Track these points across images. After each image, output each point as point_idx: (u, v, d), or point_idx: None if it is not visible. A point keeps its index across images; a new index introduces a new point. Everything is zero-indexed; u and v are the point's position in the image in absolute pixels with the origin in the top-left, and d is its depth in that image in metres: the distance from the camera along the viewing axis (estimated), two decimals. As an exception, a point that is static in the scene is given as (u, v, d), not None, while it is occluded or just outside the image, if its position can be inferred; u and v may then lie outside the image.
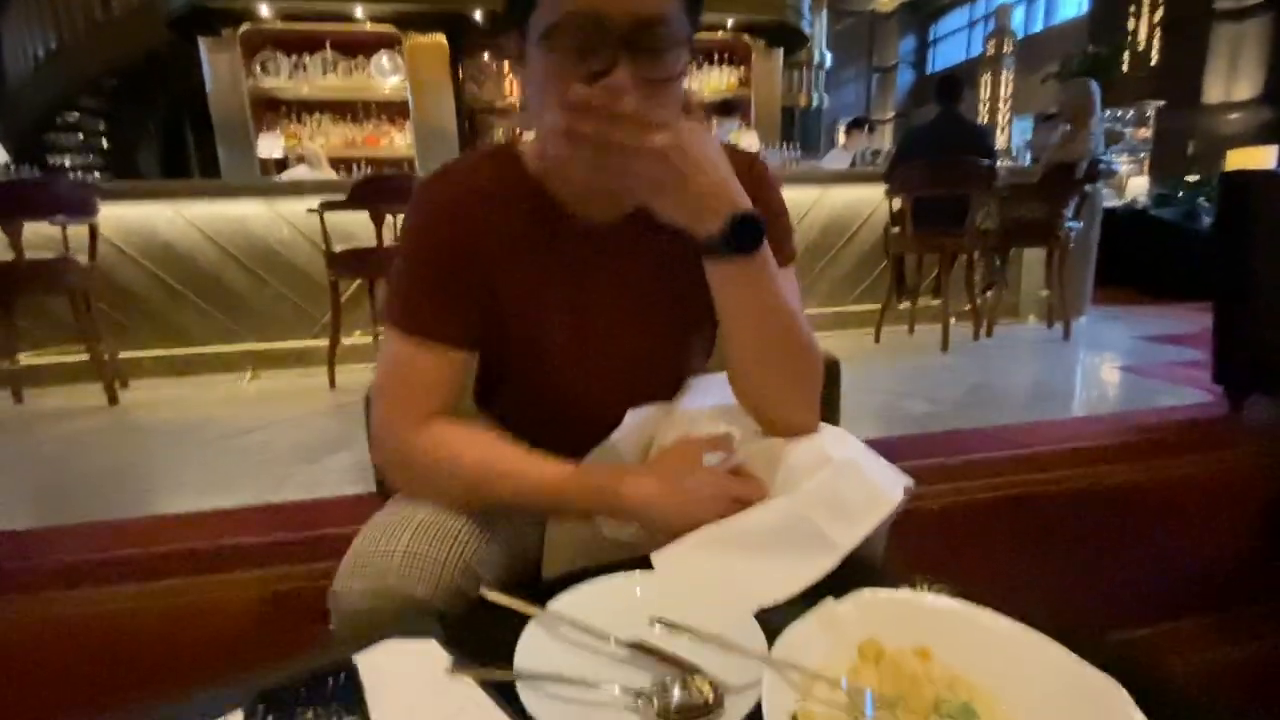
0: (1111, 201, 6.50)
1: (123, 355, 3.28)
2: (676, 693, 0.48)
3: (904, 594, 0.55)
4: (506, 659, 0.51)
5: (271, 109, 6.15)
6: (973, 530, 1.87)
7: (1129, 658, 0.44)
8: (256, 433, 2.69)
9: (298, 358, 3.58)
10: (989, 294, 4.09)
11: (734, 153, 0.75)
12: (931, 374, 3.35)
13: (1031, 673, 0.45)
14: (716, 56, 6.56)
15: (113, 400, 3.00)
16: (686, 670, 0.50)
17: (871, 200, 4.09)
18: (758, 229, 0.67)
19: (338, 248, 3.06)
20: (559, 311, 0.80)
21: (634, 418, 0.85)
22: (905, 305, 4.05)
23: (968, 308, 3.86)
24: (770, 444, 0.77)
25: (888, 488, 0.70)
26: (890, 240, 3.91)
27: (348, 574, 0.68)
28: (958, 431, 2.52)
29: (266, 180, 4.09)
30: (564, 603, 0.58)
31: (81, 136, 8.01)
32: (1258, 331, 2.55)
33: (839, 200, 4.11)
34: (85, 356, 2.97)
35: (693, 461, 0.75)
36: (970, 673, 0.46)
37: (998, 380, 3.29)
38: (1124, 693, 0.41)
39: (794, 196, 3.93)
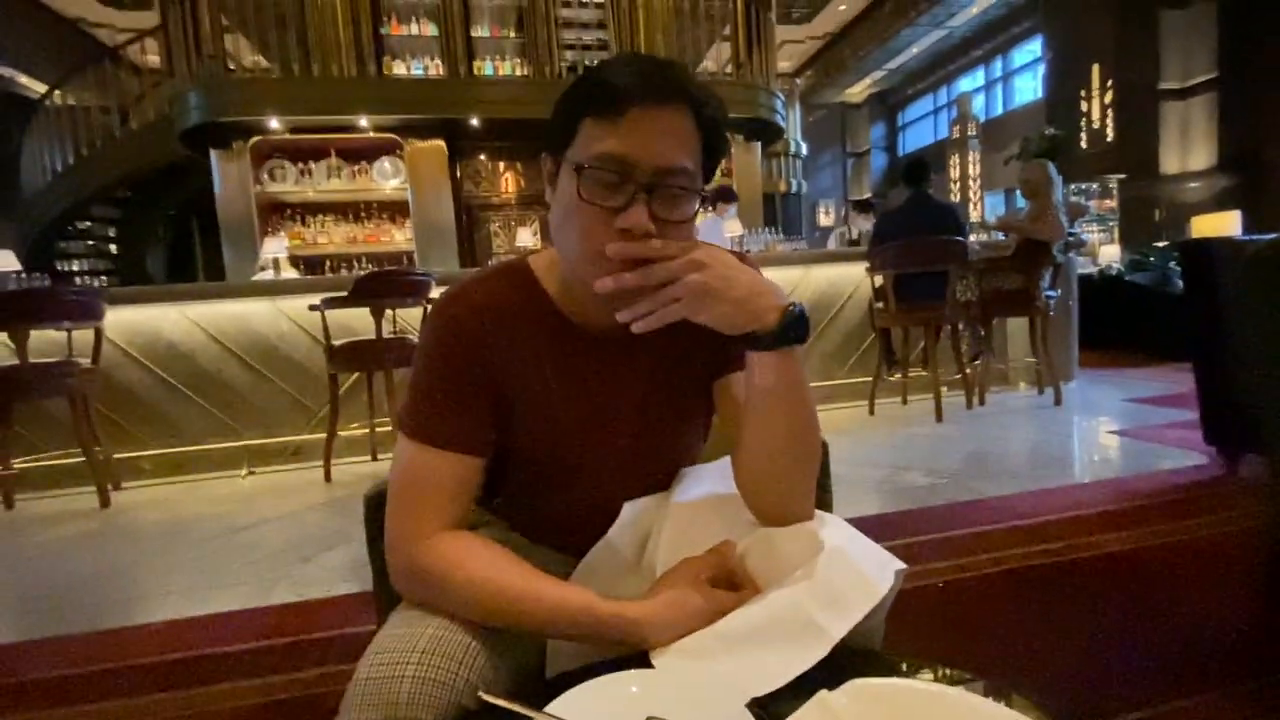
0: (1087, 269, 6.75)
1: (118, 455, 3.27)
2: (674, 797, 0.48)
3: (898, 683, 0.56)
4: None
5: (277, 211, 6.45)
6: (977, 605, 1.84)
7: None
8: (249, 531, 2.65)
9: (294, 452, 3.57)
10: (977, 363, 4.17)
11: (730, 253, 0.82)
12: (928, 444, 3.36)
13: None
14: (701, 150, 6.96)
15: (105, 504, 2.97)
16: (684, 772, 0.50)
17: (854, 277, 4.24)
18: (806, 318, 0.74)
19: (337, 342, 3.14)
20: (568, 415, 0.84)
21: (630, 512, 0.87)
22: (897, 377, 4.12)
23: (958, 376, 3.93)
24: (765, 534, 0.79)
25: (878, 573, 0.72)
26: (875, 315, 4.03)
27: (356, 704, 0.67)
28: (957, 503, 2.51)
29: (267, 281, 4.22)
30: (561, 704, 0.58)
31: (91, 242, 8.33)
32: (1239, 392, 2.60)
33: (822, 278, 4.27)
34: (80, 459, 2.97)
35: (696, 583, 0.76)
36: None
37: (994, 448, 3.31)
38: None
39: (780, 276, 4.09)
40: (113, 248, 8.52)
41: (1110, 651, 1.64)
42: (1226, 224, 6.44)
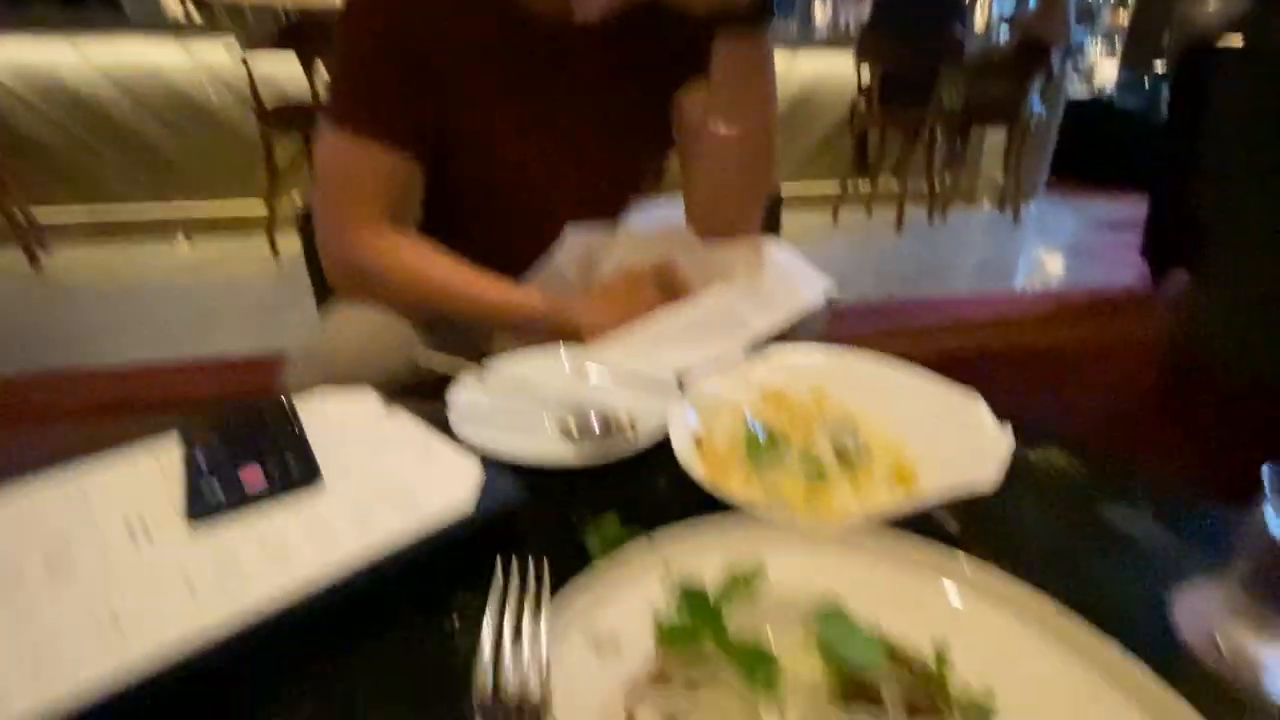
0: (1078, 95, 6.42)
1: (44, 220, 3.04)
2: (596, 421, 0.52)
3: (806, 348, 0.60)
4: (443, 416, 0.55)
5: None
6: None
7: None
8: (193, 295, 2.60)
9: (236, 223, 3.39)
10: (947, 176, 4.09)
11: None
12: (884, 253, 3.42)
13: (908, 397, 0.52)
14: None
15: (33, 262, 2.83)
16: (606, 408, 0.54)
17: (840, 73, 3.94)
18: None
19: (269, 103, 2.82)
20: (508, 113, 0.78)
21: (576, 237, 0.85)
22: (866, 190, 4.04)
23: (925, 188, 3.88)
24: (707, 250, 0.80)
25: (809, 287, 0.74)
26: (856, 115, 3.83)
27: (299, 369, 0.70)
28: (896, 300, 2.63)
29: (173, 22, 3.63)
30: (497, 364, 0.61)
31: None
32: (1190, 211, 2.66)
33: (808, 71, 3.95)
34: (-2, 216, 2.75)
35: (639, 291, 0.76)
36: (859, 406, 0.52)
37: (945, 259, 3.39)
38: (981, 402, 0.48)
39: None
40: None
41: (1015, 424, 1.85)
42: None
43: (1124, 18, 8.30)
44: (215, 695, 0.33)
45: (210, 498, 0.41)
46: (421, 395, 0.59)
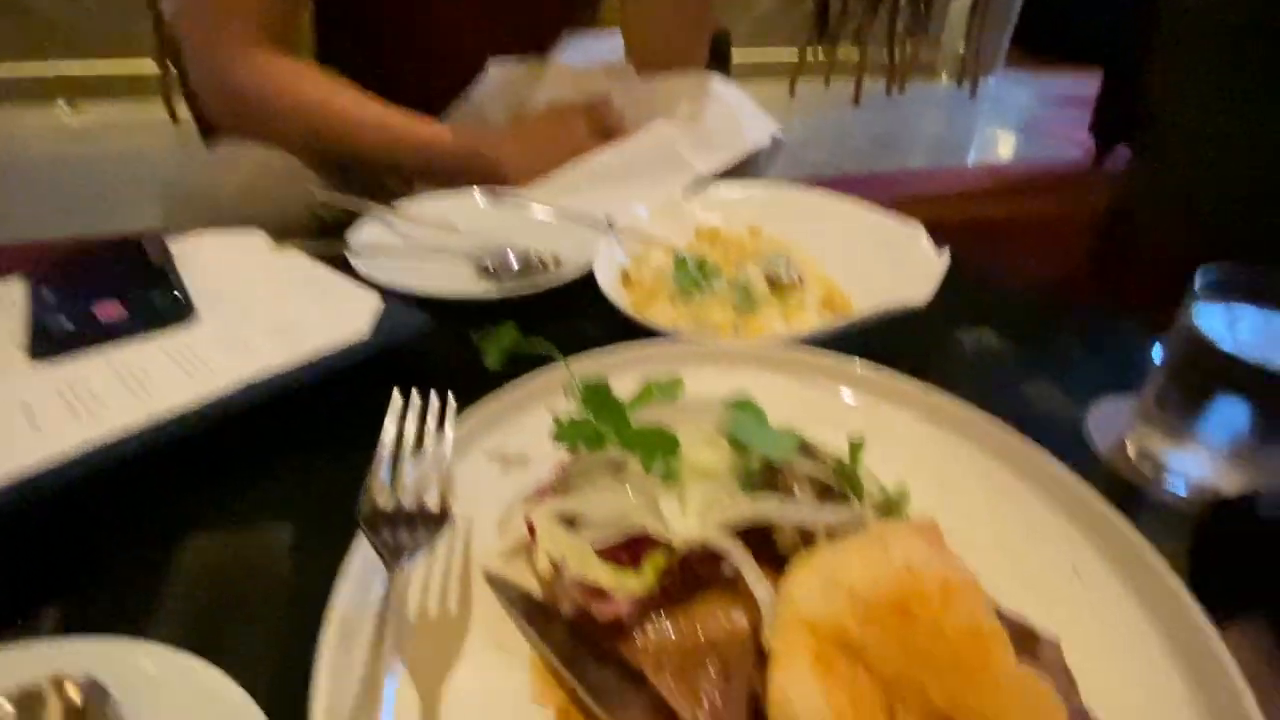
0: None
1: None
2: (514, 258, 0.48)
3: (741, 184, 0.56)
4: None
5: None
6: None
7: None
8: (85, 166, 2.32)
9: (126, 87, 2.97)
10: (908, 45, 3.90)
11: None
12: (839, 126, 3.31)
13: (847, 228, 0.49)
14: None
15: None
16: (526, 247, 0.50)
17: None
18: None
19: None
20: None
21: (498, 72, 0.75)
22: (824, 56, 3.82)
23: (885, 59, 3.70)
24: (647, 84, 0.72)
25: (754, 127, 0.69)
26: (818, -28, 3.53)
27: (175, 207, 0.61)
28: (846, 176, 2.58)
29: None
30: (406, 204, 0.55)
31: None
32: (1140, 89, 2.63)
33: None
34: None
35: (568, 128, 0.68)
36: (796, 238, 0.49)
37: (900, 132, 3.31)
38: (922, 230, 0.45)
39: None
40: None
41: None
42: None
43: None
44: (109, 518, 0.30)
45: (56, 332, 0.35)
46: (318, 236, 0.53)
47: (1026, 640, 0.20)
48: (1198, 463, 0.32)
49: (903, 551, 0.18)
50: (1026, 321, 0.48)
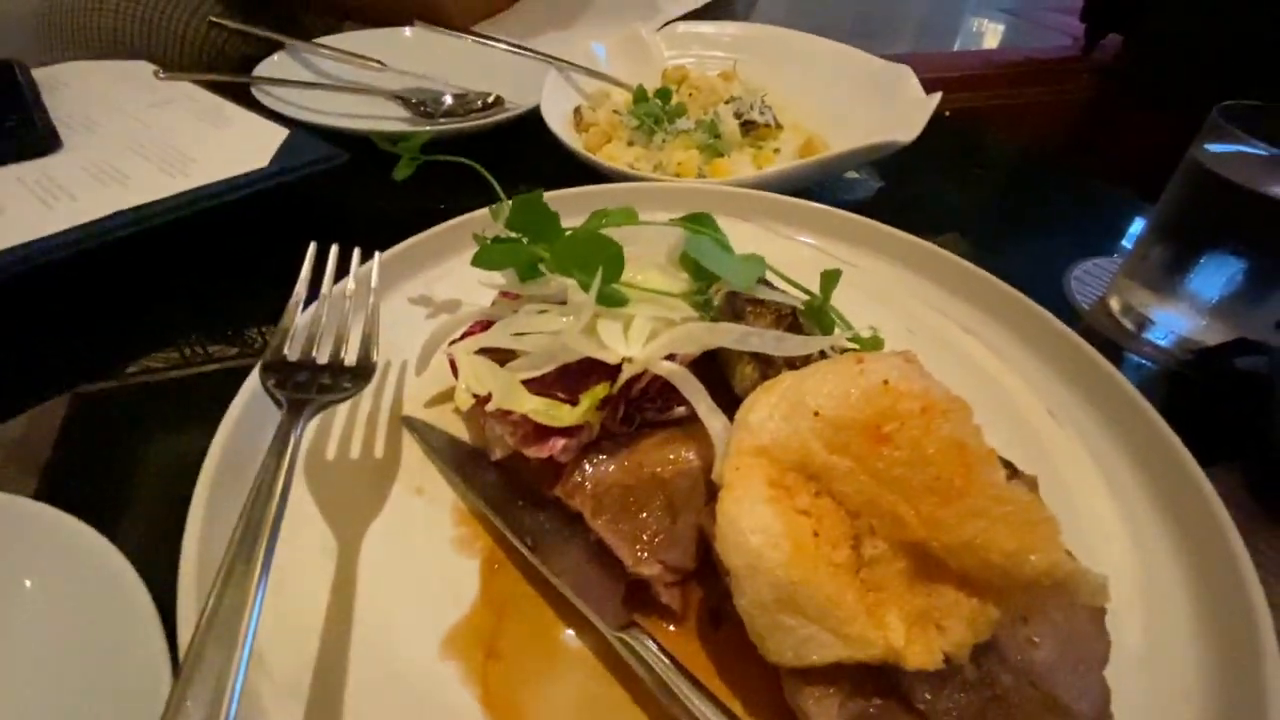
0: None
1: None
2: (449, 97, 0.42)
3: (714, 24, 0.49)
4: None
5: None
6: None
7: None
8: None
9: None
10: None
11: None
12: (826, 7, 3.09)
13: (831, 69, 0.44)
14: None
15: None
16: (462, 86, 0.43)
17: None
18: None
19: None
20: None
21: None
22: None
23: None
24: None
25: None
26: None
27: (43, 30, 0.51)
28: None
29: None
30: (326, 39, 0.47)
31: None
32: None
33: None
34: None
35: None
36: (775, 81, 0.44)
37: (885, 12, 3.11)
38: (910, 72, 0.40)
39: None
40: None
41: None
42: None
43: None
44: None
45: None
46: (221, 69, 0.45)
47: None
48: (1182, 316, 0.30)
49: (881, 369, 0.15)
50: (1011, 179, 0.44)
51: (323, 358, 0.22)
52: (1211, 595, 0.19)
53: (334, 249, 0.26)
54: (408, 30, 0.51)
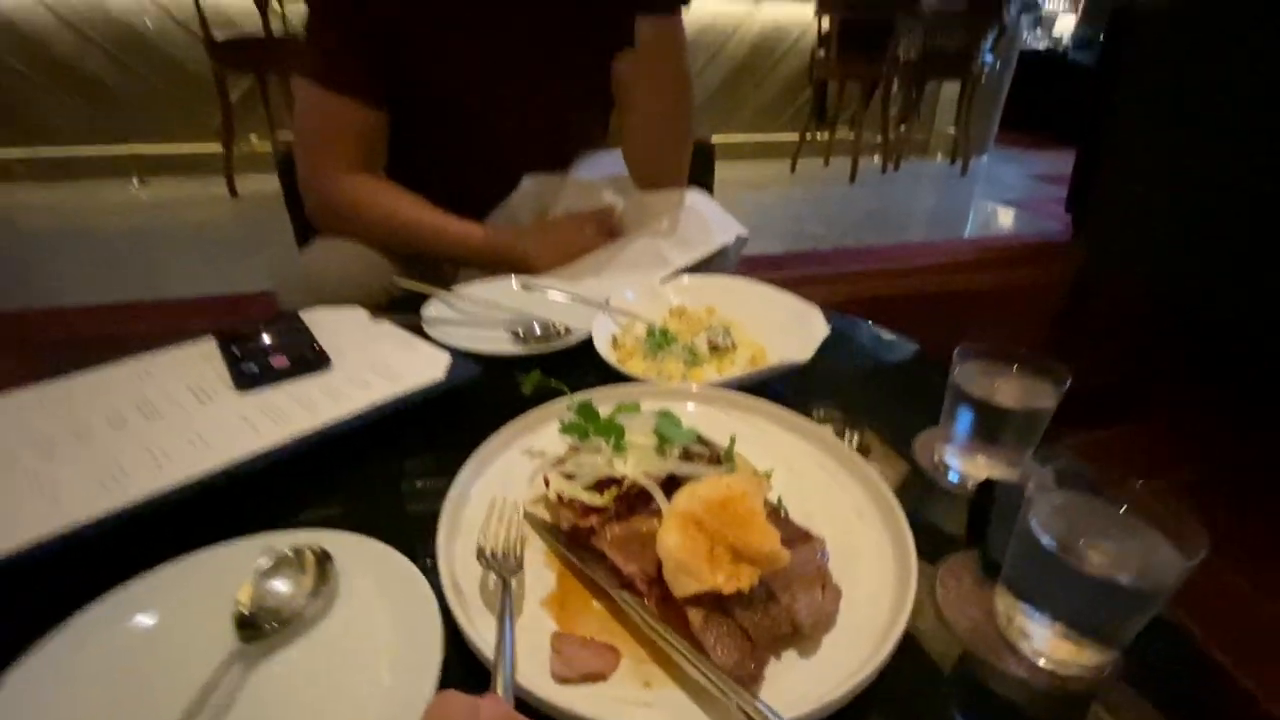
0: (1037, 43, 6.51)
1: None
2: (538, 327, 0.69)
3: (707, 277, 0.76)
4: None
5: None
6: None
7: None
8: (153, 235, 2.62)
9: (191, 164, 3.34)
10: (902, 128, 4.23)
11: None
12: (836, 202, 3.58)
13: (769, 309, 0.69)
14: None
15: (-16, 199, 2.78)
16: (546, 318, 0.70)
17: (801, 22, 3.99)
18: None
19: (219, 36, 2.77)
20: (467, 68, 0.89)
21: (530, 184, 0.99)
22: (824, 137, 4.16)
23: (880, 139, 4.02)
24: (639, 196, 0.95)
25: (722, 229, 0.90)
26: (815, 65, 3.91)
27: (287, 292, 0.82)
28: (842, 249, 2.82)
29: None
30: (462, 288, 0.76)
31: None
32: (1104, 170, 2.87)
33: (769, 20, 3.99)
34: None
35: (582, 230, 0.91)
36: (735, 315, 0.69)
37: (893, 208, 3.57)
38: (818, 310, 0.65)
39: (722, 9, 3.79)
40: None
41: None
42: None
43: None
44: (259, 497, 0.49)
45: (250, 374, 0.56)
46: (399, 311, 0.74)
47: (802, 536, 0.38)
48: (964, 463, 0.51)
49: (728, 481, 0.37)
50: (883, 372, 0.67)
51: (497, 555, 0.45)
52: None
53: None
54: (512, 279, 0.79)
